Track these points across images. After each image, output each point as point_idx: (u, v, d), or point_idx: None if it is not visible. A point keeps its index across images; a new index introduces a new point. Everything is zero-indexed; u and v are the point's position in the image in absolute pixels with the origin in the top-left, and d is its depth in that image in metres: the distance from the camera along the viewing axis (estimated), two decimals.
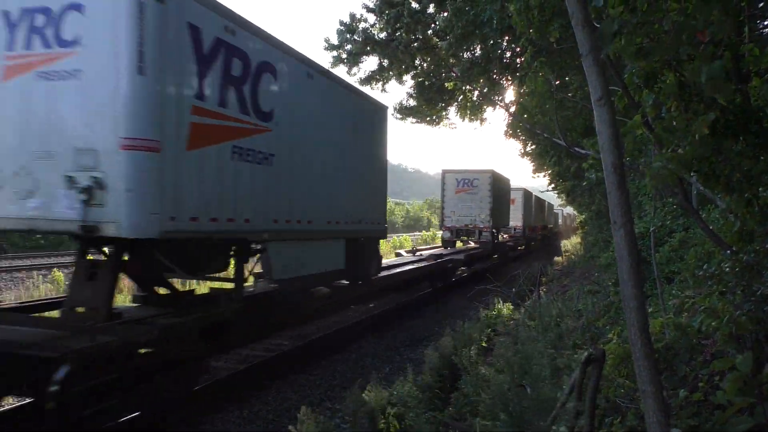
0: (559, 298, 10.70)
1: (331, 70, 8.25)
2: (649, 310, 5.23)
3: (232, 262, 6.77)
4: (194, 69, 5.29)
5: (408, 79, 15.26)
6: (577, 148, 7.70)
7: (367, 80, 15.02)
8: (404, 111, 16.04)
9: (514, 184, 27.17)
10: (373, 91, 16.55)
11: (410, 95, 15.72)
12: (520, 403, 3.97)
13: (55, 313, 5.97)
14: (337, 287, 9.12)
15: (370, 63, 14.30)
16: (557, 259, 24.18)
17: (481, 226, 20.25)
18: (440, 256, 15.91)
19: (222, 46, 5.65)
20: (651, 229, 6.07)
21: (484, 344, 7.99)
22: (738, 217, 2.84)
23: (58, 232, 5.35)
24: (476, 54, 12.21)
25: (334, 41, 14.11)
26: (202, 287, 8.65)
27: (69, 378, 4.13)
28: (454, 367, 6.29)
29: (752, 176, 2.64)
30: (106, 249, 5.66)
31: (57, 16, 4.83)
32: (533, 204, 30.94)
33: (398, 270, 12.38)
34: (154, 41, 4.75)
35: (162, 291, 6.56)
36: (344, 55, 14.10)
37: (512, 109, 14.11)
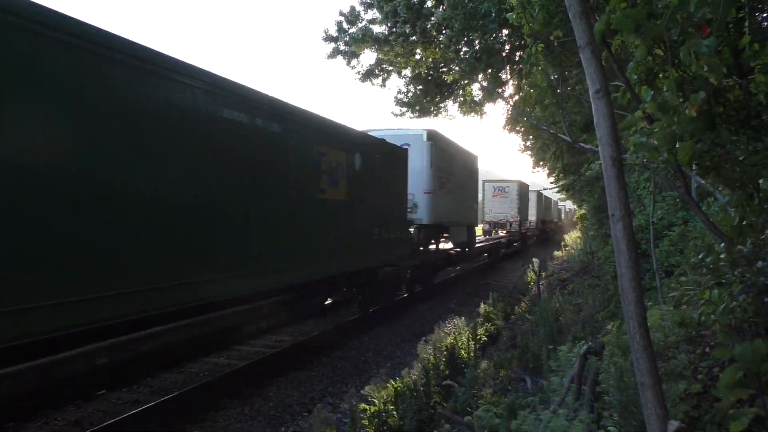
0: (559, 292, 10.72)
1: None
2: (649, 303, 5.24)
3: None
4: (438, 160, 13.31)
5: (407, 73, 15.15)
6: (581, 143, 7.66)
7: (367, 75, 14.89)
8: (403, 104, 15.90)
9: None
10: (373, 87, 16.86)
11: (407, 88, 15.63)
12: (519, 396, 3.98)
13: None
14: (457, 252, 16.81)
15: (370, 57, 14.29)
16: (557, 253, 24.24)
17: (511, 221, 28.59)
18: (491, 239, 25.04)
19: (442, 150, 13.71)
20: (651, 219, 6.06)
21: (485, 338, 8.02)
22: (738, 210, 2.83)
23: None
24: (476, 48, 12.12)
25: (333, 33, 13.95)
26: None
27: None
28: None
29: (752, 170, 2.62)
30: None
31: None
32: (543, 202, 38.84)
33: (479, 245, 20.58)
34: (435, 155, 12.99)
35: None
36: (342, 47, 13.93)
37: (513, 102, 14.02)
